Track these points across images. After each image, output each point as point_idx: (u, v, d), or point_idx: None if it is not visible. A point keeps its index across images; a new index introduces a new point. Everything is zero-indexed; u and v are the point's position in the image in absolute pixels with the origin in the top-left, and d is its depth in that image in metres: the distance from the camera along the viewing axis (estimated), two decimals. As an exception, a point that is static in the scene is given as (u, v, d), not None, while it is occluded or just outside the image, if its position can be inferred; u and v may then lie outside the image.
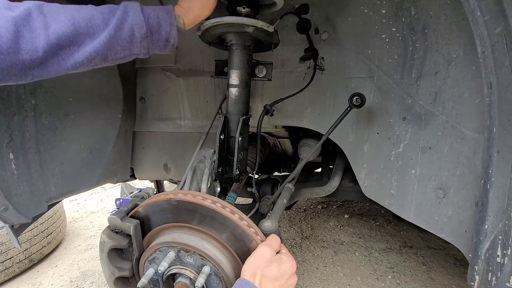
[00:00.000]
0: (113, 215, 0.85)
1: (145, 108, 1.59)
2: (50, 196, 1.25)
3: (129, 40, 0.73)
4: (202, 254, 0.78)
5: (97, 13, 0.71)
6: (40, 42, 0.63)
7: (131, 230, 0.83)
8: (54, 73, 0.69)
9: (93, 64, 0.73)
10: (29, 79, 0.67)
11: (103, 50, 0.70)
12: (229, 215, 0.78)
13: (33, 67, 0.65)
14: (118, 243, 0.85)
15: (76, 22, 0.67)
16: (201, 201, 0.78)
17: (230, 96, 1.06)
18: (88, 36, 0.68)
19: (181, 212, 0.81)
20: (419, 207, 1.05)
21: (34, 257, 2.30)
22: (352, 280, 2.02)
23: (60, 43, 0.65)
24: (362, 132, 1.18)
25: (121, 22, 0.71)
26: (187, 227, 0.82)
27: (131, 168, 1.72)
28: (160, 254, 0.82)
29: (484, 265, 0.77)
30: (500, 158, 0.72)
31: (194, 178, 0.99)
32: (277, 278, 0.73)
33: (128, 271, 0.89)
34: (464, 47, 0.91)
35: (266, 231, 0.86)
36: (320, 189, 1.52)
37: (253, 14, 0.99)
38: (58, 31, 0.65)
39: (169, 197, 0.81)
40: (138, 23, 0.73)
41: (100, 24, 0.69)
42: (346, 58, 1.17)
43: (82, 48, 0.68)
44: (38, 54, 0.63)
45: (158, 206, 0.84)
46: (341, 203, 3.38)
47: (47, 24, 0.64)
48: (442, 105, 0.97)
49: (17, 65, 0.63)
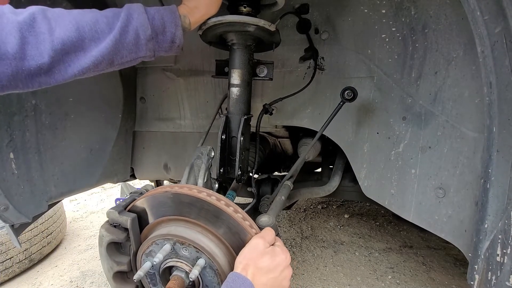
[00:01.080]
0: (111, 209, 0.85)
1: (145, 108, 1.59)
2: (50, 195, 1.25)
3: (135, 43, 0.72)
4: (197, 247, 0.78)
5: (101, 17, 0.70)
6: (45, 47, 0.62)
7: (128, 223, 0.83)
8: (61, 80, 0.68)
9: (99, 69, 0.71)
10: (36, 87, 0.66)
11: (109, 55, 0.69)
12: (224, 207, 0.78)
13: (39, 74, 0.64)
14: (116, 237, 0.86)
15: (80, 26, 0.66)
16: (196, 194, 0.78)
17: (231, 95, 1.06)
18: (93, 40, 0.67)
19: (178, 205, 0.82)
20: (419, 206, 1.05)
21: (34, 257, 2.30)
22: (352, 280, 2.02)
23: (65, 48, 0.64)
24: (362, 132, 1.18)
25: (125, 25, 0.70)
26: (183, 220, 0.83)
27: (131, 168, 1.73)
28: (156, 247, 0.83)
29: (484, 264, 0.77)
30: (499, 158, 0.72)
31: (191, 174, 1.00)
32: (270, 270, 0.72)
33: (126, 265, 0.89)
34: (464, 47, 0.91)
35: (262, 226, 0.86)
36: (320, 189, 1.52)
37: (254, 14, 0.99)
38: (62, 36, 0.64)
39: (165, 190, 0.81)
40: (143, 25, 0.72)
41: (104, 28, 0.68)
42: (346, 58, 1.17)
43: (88, 53, 0.67)
44: (43, 60, 0.62)
45: (155, 199, 0.84)
46: (341, 203, 3.38)
47: (51, 29, 0.63)
48: (442, 104, 0.97)
49: (23, 71, 0.62)
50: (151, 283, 0.88)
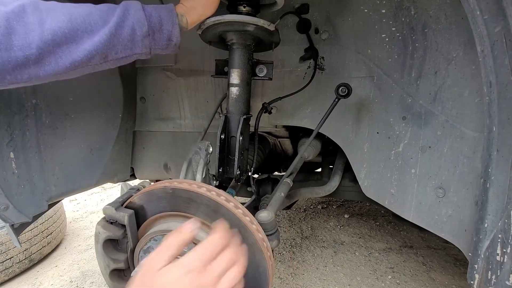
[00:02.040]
0: (108, 205, 0.83)
1: (145, 107, 1.59)
2: (50, 195, 1.25)
3: (130, 39, 0.71)
4: (196, 243, 0.77)
5: (95, 10, 0.69)
6: (34, 38, 0.60)
7: (125, 220, 0.81)
8: (51, 72, 0.66)
9: (93, 63, 0.70)
10: (25, 79, 0.64)
11: (103, 49, 0.68)
12: (224, 203, 0.77)
13: (28, 65, 0.62)
14: (113, 233, 0.84)
15: (73, 18, 0.65)
16: (196, 189, 0.77)
17: (230, 95, 1.06)
18: (86, 32, 0.66)
19: (176, 201, 0.80)
20: (419, 206, 1.05)
21: (34, 257, 2.30)
22: (352, 280, 2.02)
23: (56, 40, 0.63)
24: (362, 132, 1.18)
25: (122, 20, 0.69)
26: (182, 215, 0.82)
27: (131, 167, 1.73)
28: (155, 243, 0.81)
29: (484, 264, 0.77)
30: (499, 157, 0.72)
31: (190, 170, 0.98)
32: None
33: (123, 263, 0.88)
34: (463, 47, 0.91)
35: (262, 221, 0.85)
36: (320, 189, 1.52)
37: (253, 13, 0.99)
38: (53, 26, 0.62)
39: (164, 185, 0.80)
40: (140, 21, 0.71)
41: (98, 21, 0.67)
42: (346, 58, 1.17)
43: (81, 45, 0.66)
44: (31, 51, 0.60)
45: (153, 195, 0.82)
46: (341, 203, 3.38)
47: (42, 20, 0.62)
48: (442, 104, 0.97)
49: (10, 62, 0.60)
50: (149, 281, 0.88)
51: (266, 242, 0.83)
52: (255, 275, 0.82)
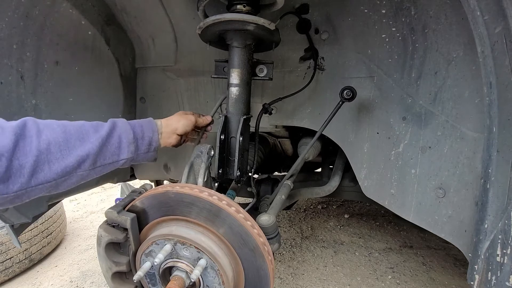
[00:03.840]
0: (110, 209, 0.84)
1: (145, 108, 1.59)
2: (50, 195, 1.25)
3: (118, 146, 0.82)
4: (198, 247, 0.78)
5: (87, 123, 0.79)
6: (32, 149, 0.65)
7: (127, 223, 0.82)
8: (42, 181, 0.67)
9: (82, 169, 0.74)
10: (17, 188, 0.64)
11: (94, 154, 0.75)
12: (226, 207, 0.77)
13: (23, 174, 0.63)
14: (115, 237, 0.85)
15: (67, 129, 0.72)
16: (198, 193, 0.78)
17: (230, 95, 1.06)
18: (78, 140, 0.73)
19: (178, 205, 0.81)
20: (419, 206, 1.05)
21: (34, 257, 2.30)
22: (352, 280, 2.02)
23: (50, 148, 0.68)
24: (362, 132, 1.18)
25: (111, 130, 0.81)
26: (184, 220, 0.82)
27: (131, 168, 1.73)
28: (157, 247, 0.82)
29: (484, 265, 0.77)
30: (499, 158, 0.72)
31: (191, 173, 0.99)
32: None
33: (125, 266, 0.89)
34: (464, 47, 0.91)
35: (263, 225, 0.85)
36: (320, 189, 1.52)
37: (253, 13, 0.99)
38: (49, 137, 0.68)
39: (166, 189, 0.81)
40: (126, 131, 0.84)
41: (90, 130, 0.77)
42: (346, 58, 1.17)
43: (73, 151, 0.71)
44: (27, 159, 0.64)
45: (155, 199, 0.83)
46: (341, 203, 3.38)
47: (39, 132, 0.67)
48: (442, 104, 0.97)
49: (11, 170, 0.62)
50: (150, 283, 0.88)
51: (267, 246, 0.83)
52: (256, 278, 0.83)
